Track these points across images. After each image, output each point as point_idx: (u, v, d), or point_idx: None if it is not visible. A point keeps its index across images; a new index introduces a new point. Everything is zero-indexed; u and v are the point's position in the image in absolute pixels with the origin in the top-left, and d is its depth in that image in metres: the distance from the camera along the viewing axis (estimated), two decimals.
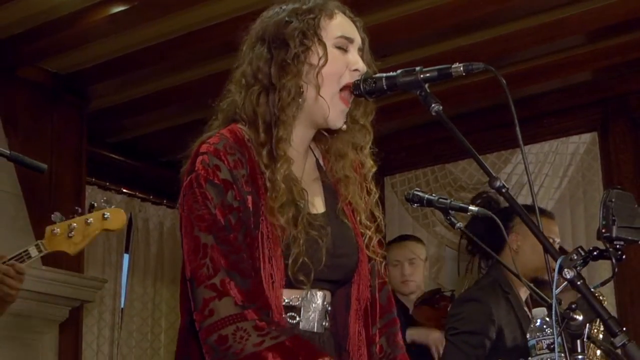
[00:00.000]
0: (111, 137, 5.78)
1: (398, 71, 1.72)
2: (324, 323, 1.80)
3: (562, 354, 1.54)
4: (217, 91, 1.89)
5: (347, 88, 1.78)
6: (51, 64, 4.86)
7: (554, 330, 1.49)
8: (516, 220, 3.17)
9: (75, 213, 2.91)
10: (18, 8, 4.23)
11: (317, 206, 1.82)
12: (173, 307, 6.01)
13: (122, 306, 5.81)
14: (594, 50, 4.74)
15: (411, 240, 4.57)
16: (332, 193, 1.87)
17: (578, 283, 1.49)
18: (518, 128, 1.58)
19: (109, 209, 2.91)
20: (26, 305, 4.14)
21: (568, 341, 1.53)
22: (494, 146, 5.40)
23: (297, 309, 1.75)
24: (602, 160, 5.21)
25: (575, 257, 1.51)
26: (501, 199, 3.07)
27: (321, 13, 1.80)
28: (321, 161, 1.91)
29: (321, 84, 1.76)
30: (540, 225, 1.57)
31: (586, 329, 1.53)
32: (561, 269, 1.49)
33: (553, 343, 1.75)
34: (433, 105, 1.64)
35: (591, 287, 1.51)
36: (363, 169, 1.91)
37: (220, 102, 1.86)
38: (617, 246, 1.56)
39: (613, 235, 1.56)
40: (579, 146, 5.33)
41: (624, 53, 4.72)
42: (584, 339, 1.54)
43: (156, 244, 6.06)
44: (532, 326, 2.19)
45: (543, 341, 2.14)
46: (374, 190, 1.92)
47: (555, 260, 1.51)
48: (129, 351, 5.77)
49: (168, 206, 6.09)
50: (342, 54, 1.79)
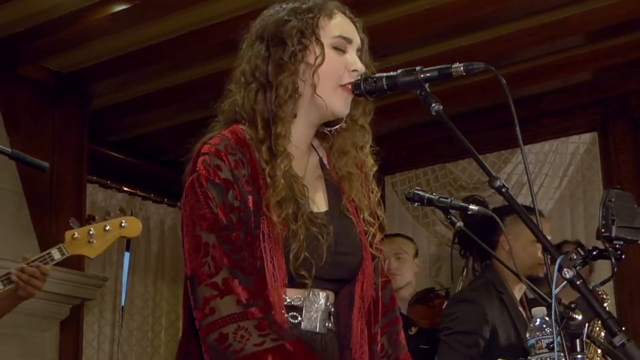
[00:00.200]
0: (112, 136, 5.79)
1: (398, 71, 1.72)
2: (327, 324, 1.78)
3: (562, 354, 1.54)
4: (218, 90, 1.89)
5: (347, 87, 1.78)
6: (52, 63, 4.87)
7: (554, 329, 1.49)
8: (507, 220, 3.17)
9: (86, 221, 3.13)
10: (19, 7, 4.23)
11: (319, 204, 1.82)
12: (173, 306, 6.02)
13: (123, 304, 5.82)
14: (595, 50, 4.74)
15: (400, 237, 4.58)
16: (336, 191, 1.87)
17: (577, 282, 1.49)
18: (518, 128, 1.59)
19: (127, 217, 3.16)
20: (27, 302, 4.14)
21: (567, 340, 1.54)
22: (494, 146, 5.40)
23: (299, 309, 1.74)
24: (602, 160, 5.21)
25: (574, 257, 1.51)
26: (489, 203, 3.11)
27: (320, 13, 1.80)
28: (325, 160, 1.91)
29: (317, 83, 1.76)
30: (540, 225, 1.57)
31: (585, 329, 1.53)
32: (561, 269, 1.50)
33: (552, 342, 1.75)
34: (433, 104, 1.64)
35: (590, 286, 1.51)
36: (364, 168, 1.91)
37: (221, 103, 1.86)
38: (617, 246, 1.57)
39: (612, 235, 1.56)
40: (579, 146, 5.34)
41: (624, 53, 4.72)
42: (584, 339, 1.55)
43: (157, 243, 6.06)
44: (532, 325, 2.19)
45: (542, 340, 2.13)
46: (376, 189, 1.92)
47: (554, 259, 1.52)
48: (130, 349, 5.77)
49: (169, 205, 6.09)
50: (340, 54, 1.79)
